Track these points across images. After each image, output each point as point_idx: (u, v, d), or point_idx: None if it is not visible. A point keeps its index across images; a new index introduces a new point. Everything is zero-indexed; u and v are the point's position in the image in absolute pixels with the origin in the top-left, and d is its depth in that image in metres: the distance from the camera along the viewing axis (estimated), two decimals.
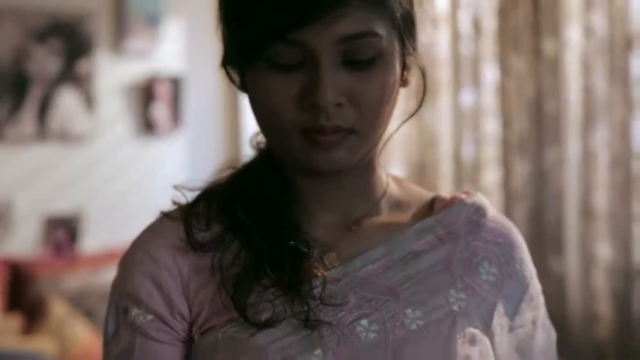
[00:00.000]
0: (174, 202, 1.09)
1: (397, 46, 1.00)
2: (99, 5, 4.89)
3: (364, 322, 1.00)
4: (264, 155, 1.10)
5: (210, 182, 1.10)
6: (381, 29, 0.97)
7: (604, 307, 3.55)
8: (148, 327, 1.03)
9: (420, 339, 1.01)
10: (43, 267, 4.55)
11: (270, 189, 1.07)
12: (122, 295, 1.05)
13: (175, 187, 1.08)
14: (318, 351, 0.98)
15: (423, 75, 1.09)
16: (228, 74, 1.05)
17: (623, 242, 3.46)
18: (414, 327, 1.01)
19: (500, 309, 1.08)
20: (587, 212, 3.59)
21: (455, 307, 1.04)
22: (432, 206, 1.13)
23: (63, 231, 4.80)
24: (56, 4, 4.75)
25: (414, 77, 1.07)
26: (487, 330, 1.06)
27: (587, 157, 3.58)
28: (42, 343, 4.18)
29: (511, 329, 1.09)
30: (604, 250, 3.53)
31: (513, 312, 1.10)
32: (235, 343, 0.99)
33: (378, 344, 0.99)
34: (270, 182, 1.07)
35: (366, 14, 0.95)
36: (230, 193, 1.08)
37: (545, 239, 3.78)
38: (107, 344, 1.06)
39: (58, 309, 4.36)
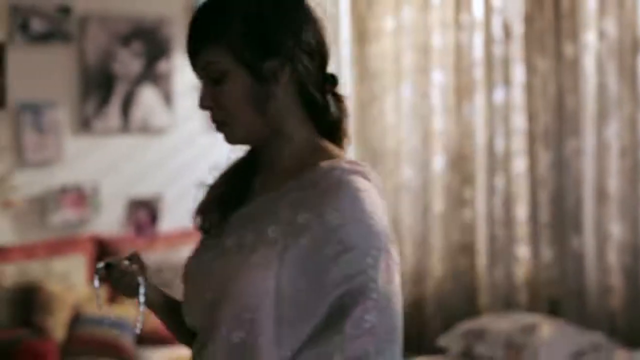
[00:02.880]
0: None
1: (242, 67, 1.47)
2: (176, 12, 5.22)
3: (228, 241, 1.50)
4: None
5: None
6: (219, 58, 1.47)
7: (616, 280, 3.83)
8: None
9: (224, 255, 1.48)
10: (126, 244, 4.87)
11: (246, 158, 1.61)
12: None
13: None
14: (209, 254, 1.53)
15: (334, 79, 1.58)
16: None
17: (632, 222, 3.75)
18: (228, 247, 1.49)
19: (301, 240, 1.41)
20: (601, 196, 3.87)
21: (265, 236, 1.44)
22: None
23: (144, 213, 5.10)
24: (139, 12, 5.10)
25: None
26: (283, 254, 1.41)
27: (601, 147, 3.85)
28: (125, 310, 4.55)
29: (311, 250, 1.41)
30: (616, 229, 3.80)
31: (315, 245, 1.41)
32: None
33: (213, 257, 1.51)
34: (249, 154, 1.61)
35: (209, 51, 1.48)
36: (235, 163, 1.63)
37: (565, 220, 4.05)
38: None
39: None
